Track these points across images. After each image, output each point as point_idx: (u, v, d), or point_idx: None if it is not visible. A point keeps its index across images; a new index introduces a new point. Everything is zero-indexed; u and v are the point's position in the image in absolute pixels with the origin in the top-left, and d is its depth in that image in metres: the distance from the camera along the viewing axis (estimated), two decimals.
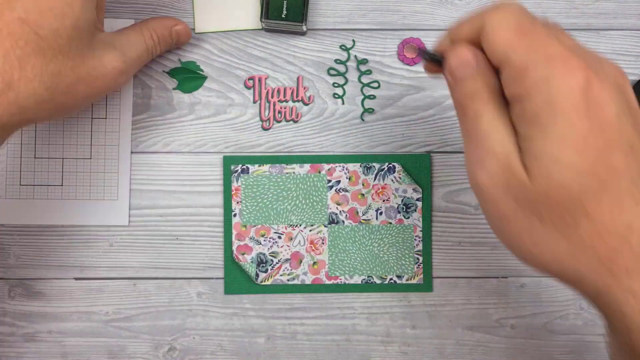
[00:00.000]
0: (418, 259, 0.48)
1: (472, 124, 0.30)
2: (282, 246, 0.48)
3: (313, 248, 0.48)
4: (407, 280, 0.48)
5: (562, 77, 0.27)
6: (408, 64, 0.49)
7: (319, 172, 0.48)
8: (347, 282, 0.48)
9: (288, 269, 0.48)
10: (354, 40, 0.49)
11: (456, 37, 0.31)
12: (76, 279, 0.48)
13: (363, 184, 0.48)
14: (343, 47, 0.49)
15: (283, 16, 0.46)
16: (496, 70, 0.30)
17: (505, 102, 0.30)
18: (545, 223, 0.28)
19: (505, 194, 0.28)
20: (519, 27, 0.29)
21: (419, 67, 0.49)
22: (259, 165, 0.48)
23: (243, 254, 0.47)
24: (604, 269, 0.27)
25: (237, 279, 0.48)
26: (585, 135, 0.27)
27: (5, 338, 0.48)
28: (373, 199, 0.48)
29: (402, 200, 0.48)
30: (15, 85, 0.33)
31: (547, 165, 0.27)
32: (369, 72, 0.49)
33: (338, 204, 0.48)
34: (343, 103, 0.49)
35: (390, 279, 0.48)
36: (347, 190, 0.48)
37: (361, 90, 0.49)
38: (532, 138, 0.28)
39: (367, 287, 0.48)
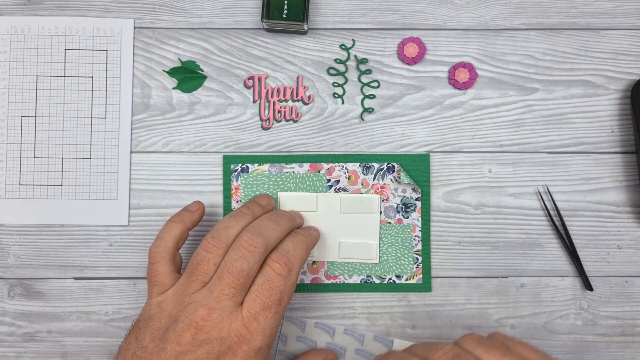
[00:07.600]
0: (417, 258, 0.48)
1: None
2: None
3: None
4: (406, 280, 0.48)
5: None
6: (408, 64, 0.49)
7: (319, 172, 0.48)
8: (346, 281, 0.48)
9: None
10: (353, 40, 0.49)
11: None
12: (76, 278, 0.48)
13: (362, 184, 0.48)
14: (343, 47, 0.49)
15: (284, 16, 0.46)
16: None
17: None
18: None
19: None
20: None
21: (419, 67, 0.49)
22: (259, 165, 0.48)
23: None
24: None
25: None
26: None
27: (5, 338, 0.48)
28: None
29: (401, 200, 0.48)
30: None
31: None
32: (368, 71, 0.49)
33: None
34: (343, 103, 0.49)
35: (390, 278, 0.48)
36: (346, 190, 0.48)
37: (361, 89, 0.49)
38: None
39: (366, 286, 0.48)
